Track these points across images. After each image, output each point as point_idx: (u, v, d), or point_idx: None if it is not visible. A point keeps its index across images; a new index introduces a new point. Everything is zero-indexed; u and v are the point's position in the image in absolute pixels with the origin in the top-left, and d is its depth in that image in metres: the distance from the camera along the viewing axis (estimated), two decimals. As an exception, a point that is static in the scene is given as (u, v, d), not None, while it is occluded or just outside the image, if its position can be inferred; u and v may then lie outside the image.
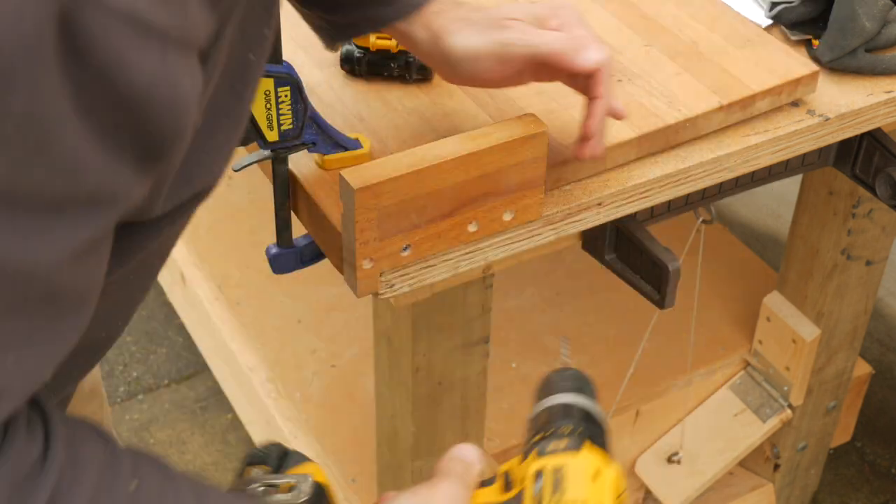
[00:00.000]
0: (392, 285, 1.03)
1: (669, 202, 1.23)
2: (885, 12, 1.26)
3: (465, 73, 1.00)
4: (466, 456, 0.86)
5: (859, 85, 1.27)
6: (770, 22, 1.32)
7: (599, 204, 1.13)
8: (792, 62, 1.22)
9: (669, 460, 1.82)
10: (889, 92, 1.26)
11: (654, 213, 1.24)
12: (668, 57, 1.23)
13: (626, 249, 1.20)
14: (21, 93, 0.47)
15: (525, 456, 0.85)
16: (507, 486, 0.85)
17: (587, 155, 1.02)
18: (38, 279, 0.53)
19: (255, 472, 0.86)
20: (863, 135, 1.29)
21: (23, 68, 0.46)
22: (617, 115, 1.05)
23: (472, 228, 1.05)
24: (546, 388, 0.92)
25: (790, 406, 1.82)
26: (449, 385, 1.34)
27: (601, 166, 1.14)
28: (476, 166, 1.00)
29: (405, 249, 1.02)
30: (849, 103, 1.24)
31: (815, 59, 1.27)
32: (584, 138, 1.01)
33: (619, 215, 1.16)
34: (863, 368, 1.95)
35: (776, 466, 1.92)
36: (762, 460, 1.93)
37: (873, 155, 1.30)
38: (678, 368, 1.81)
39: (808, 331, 1.74)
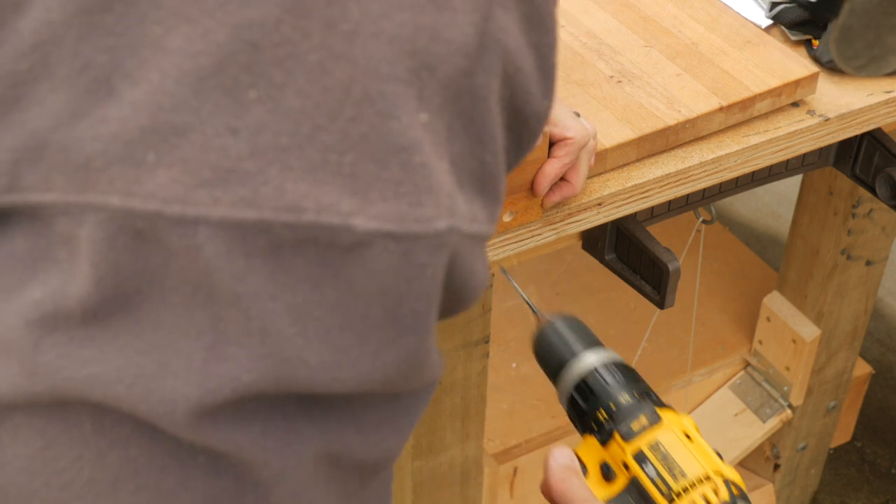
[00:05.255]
0: (392, 285, 1.03)
1: (669, 202, 1.23)
2: (884, 13, 1.26)
3: None
4: (567, 458, 0.85)
5: (859, 85, 1.27)
6: (770, 22, 1.32)
7: (599, 204, 1.13)
8: (792, 63, 1.22)
9: (669, 460, 1.82)
10: (889, 92, 1.26)
11: (654, 213, 1.24)
12: (668, 58, 1.23)
13: (626, 249, 1.20)
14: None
15: (604, 441, 0.86)
16: (607, 475, 0.85)
17: (545, 203, 1.09)
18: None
19: None
20: (863, 135, 1.29)
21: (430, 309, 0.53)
22: (543, 195, 1.08)
23: (472, 229, 1.05)
24: (553, 352, 0.92)
25: (790, 406, 1.82)
26: (449, 385, 1.34)
27: (601, 167, 1.14)
28: (476, 167, 1.00)
29: (405, 250, 1.02)
30: (849, 103, 1.24)
31: (815, 59, 1.27)
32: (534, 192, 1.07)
33: (619, 215, 1.16)
34: (863, 368, 1.95)
35: (776, 466, 1.92)
36: (762, 460, 1.93)
37: (873, 155, 1.30)
38: (678, 368, 1.81)
39: (808, 331, 1.74)
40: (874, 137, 1.29)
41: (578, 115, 1.06)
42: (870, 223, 1.64)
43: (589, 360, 0.90)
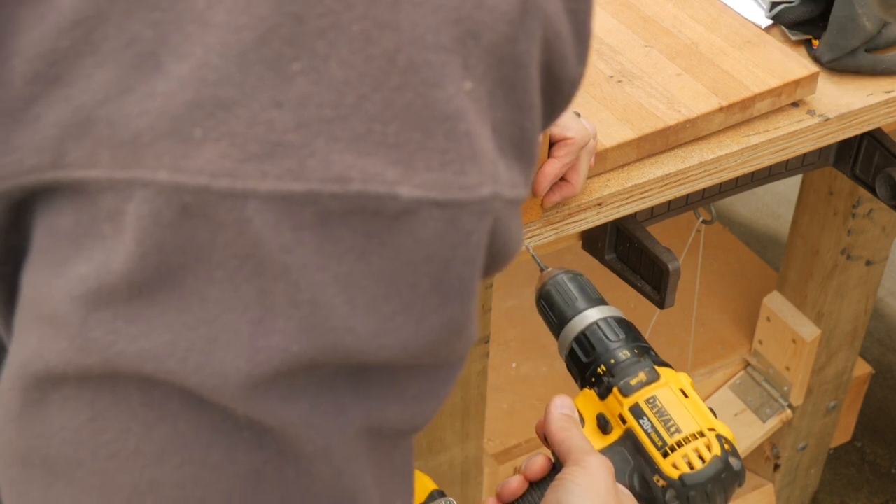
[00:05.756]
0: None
1: (669, 202, 1.23)
2: (884, 12, 1.26)
3: None
4: (567, 407, 0.86)
5: (859, 85, 1.27)
6: (770, 22, 1.32)
7: (599, 204, 1.13)
8: (791, 63, 1.22)
9: (669, 460, 1.82)
10: (889, 92, 1.26)
11: (654, 213, 1.24)
12: (668, 58, 1.23)
13: (626, 249, 1.20)
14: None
15: (603, 395, 0.87)
16: (603, 427, 0.87)
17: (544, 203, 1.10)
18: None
19: None
20: (863, 135, 1.29)
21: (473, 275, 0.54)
22: (544, 195, 1.09)
23: (472, 229, 1.05)
24: (556, 305, 0.94)
25: (790, 406, 1.82)
26: (449, 385, 1.34)
27: (601, 167, 1.14)
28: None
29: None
30: (849, 103, 1.24)
31: (815, 59, 1.27)
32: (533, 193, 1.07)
33: (619, 215, 1.16)
34: (863, 368, 1.95)
35: (776, 466, 1.92)
36: (762, 460, 1.93)
37: (873, 155, 1.30)
38: (678, 368, 1.80)
39: (808, 331, 1.74)
40: (874, 137, 1.29)
41: (578, 115, 1.06)
42: (870, 223, 1.64)
43: (591, 315, 0.91)
